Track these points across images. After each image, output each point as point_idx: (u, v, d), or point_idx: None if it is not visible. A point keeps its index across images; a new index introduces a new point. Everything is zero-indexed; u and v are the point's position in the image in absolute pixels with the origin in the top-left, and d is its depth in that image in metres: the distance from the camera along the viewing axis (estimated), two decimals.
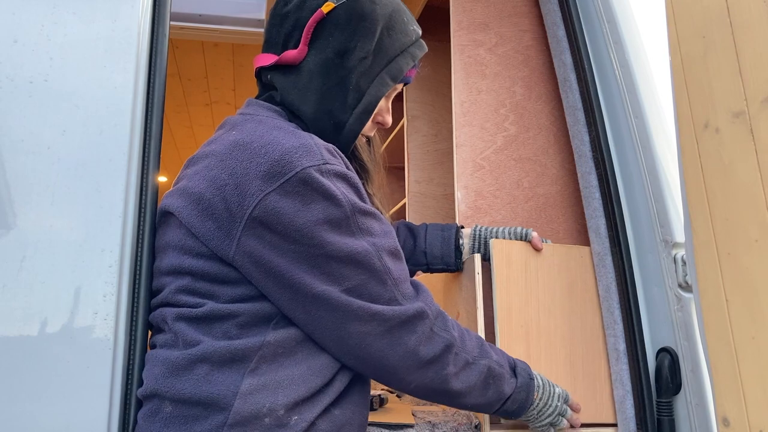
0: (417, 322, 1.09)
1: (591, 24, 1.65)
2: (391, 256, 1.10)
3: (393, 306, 1.08)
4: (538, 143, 1.84)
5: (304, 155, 1.03)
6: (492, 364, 1.19)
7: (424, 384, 1.13)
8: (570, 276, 1.59)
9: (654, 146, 1.49)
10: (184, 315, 1.07)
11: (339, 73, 1.15)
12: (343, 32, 1.15)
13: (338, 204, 1.04)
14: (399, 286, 1.10)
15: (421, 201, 2.45)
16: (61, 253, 1.13)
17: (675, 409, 1.44)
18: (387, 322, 1.07)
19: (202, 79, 3.65)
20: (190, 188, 1.08)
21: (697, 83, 1.21)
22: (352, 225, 1.06)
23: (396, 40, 1.19)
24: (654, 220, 1.48)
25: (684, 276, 1.42)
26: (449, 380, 1.14)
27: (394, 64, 1.19)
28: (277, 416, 1.01)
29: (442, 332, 1.13)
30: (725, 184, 1.14)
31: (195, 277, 1.08)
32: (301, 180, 1.01)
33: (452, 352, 1.13)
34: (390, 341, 1.08)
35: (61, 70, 1.20)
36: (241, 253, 1.04)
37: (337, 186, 1.05)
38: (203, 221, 1.05)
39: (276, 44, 1.20)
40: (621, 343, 1.51)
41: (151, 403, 1.07)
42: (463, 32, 1.87)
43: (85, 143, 1.18)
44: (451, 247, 1.56)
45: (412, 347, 1.09)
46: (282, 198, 1.01)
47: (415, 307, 1.09)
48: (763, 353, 1.06)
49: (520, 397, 1.25)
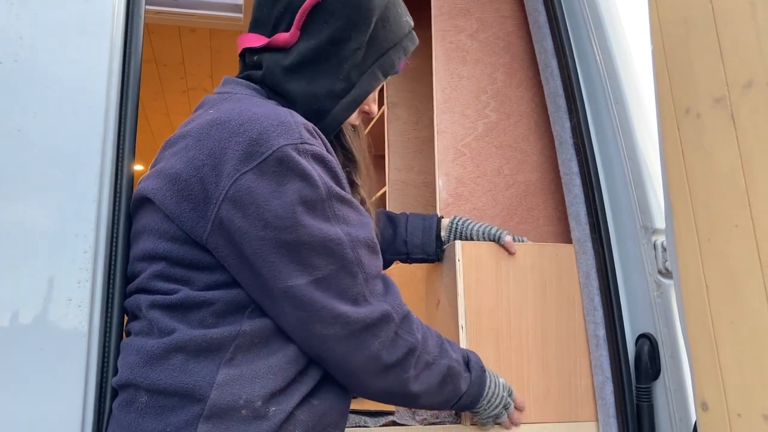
0: (381, 326, 1.06)
1: (572, 9, 1.64)
2: (367, 249, 1.08)
3: (359, 306, 1.05)
4: (519, 130, 1.83)
5: (281, 133, 1.00)
6: (452, 363, 1.18)
7: (383, 388, 1.11)
8: (543, 275, 1.59)
9: (635, 132, 1.49)
10: (159, 302, 1.05)
11: (330, 62, 1.13)
12: (338, 20, 1.12)
13: (313, 185, 1.01)
14: (369, 282, 1.07)
15: (401, 189, 2.43)
16: (34, 239, 1.10)
17: (654, 394, 1.45)
18: (350, 325, 1.04)
19: (178, 65, 3.60)
20: (167, 169, 1.06)
21: (679, 69, 1.21)
22: (327, 210, 1.03)
23: (390, 32, 1.17)
24: (634, 206, 1.49)
25: (664, 262, 1.43)
26: (409, 383, 1.12)
27: (386, 57, 1.17)
28: (254, 408, 1.00)
29: (406, 335, 1.10)
30: (706, 170, 1.14)
31: (170, 263, 1.06)
32: (277, 159, 0.99)
33: (414, 355, 1.11)
34: (352, 346, 1.05)
35: (32, 51, 1.16)
36: (216, 235, 1.02)
37: (314, 167, 1.02)
38: (178, 202, 1.03)
39: (266, 24, 1.16)
40: (601, 329, 1.52)
41: (126, 393, 1.05)
42: (444, 18, 1.86)
43: (58, 126, 1.15)
44: (432, 237, 1.55)
45: (374, 352, 1.06)
46: (258, 178, 0.99)
47: (380, 309, 1.06)
48: (741, 338, 1.07)
49: (474, 391, 1.25)
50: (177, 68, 3.64)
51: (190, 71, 3.69)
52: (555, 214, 1.81)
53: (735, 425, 1.08)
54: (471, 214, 1.76)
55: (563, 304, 1.59)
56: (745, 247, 1.05)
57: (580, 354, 1.57)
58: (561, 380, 1.54)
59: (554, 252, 1.61)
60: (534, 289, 1.57)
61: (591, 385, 1.55)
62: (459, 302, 1.52)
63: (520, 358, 1.53)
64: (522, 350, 1.54)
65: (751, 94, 1.04)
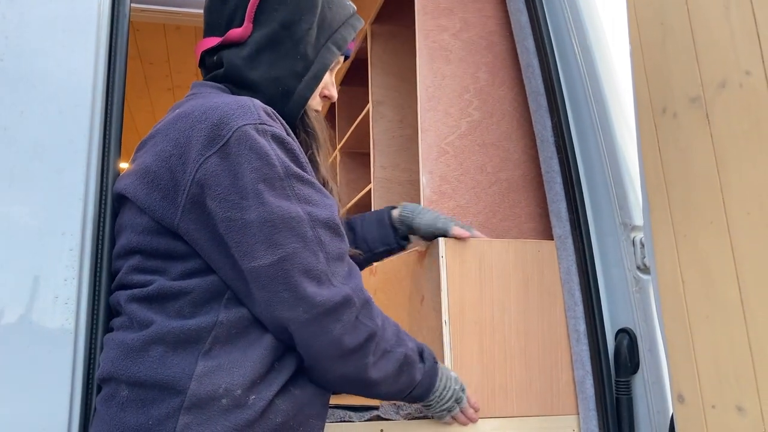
0: (343, 310, 1.06)
1: (553, 10, 1.67)
2: (327, 229, 1.08)
3: (321, 287, 1.05)
4: (501, 128, 1.86)
5: (241, 115, 1.05)
6: (408, 352, 1.19)
7: (344, 374, 1.11)
8: (525, 271, 1.61)
9: (614, 131, 1.52)
10: (136, 295, 1.07)
11: (286, 44, 1.19)
12: (287, 7, 1.19)
13: (271, 164, 1.04)
14: (332, 263, 1.07)
15: (386, 186, 2.45)
16: (20, 237, 1.11)
17: (633, 387, 1.48)
18: (313, 308, 1.04)
19: (163, 63, 3.58)
20: (137, 165, 1.10)
21: (656, 69, 1.23)
22: (286, 188, 1.05)
23: (336, 12, 1.25)
24: (614, 203, 1.51)
25: (642, 258, 1.45)
26: (368, 369, 1.12)
27: (338, 34, 1.24)
28: (234, 396, 1.01)
29: (366, 321, 1.10)
30: (682, 168, 1.17)
31: (144, 255, 1.08)
32: (237, 139, 1.03)
33: (374, 341, 1.11)
34: (315, 329, 1.05)
35: (18, 49, 1.17)
36: (186, 220, 1.04)
37: (273, 147, 1.05)
38: (149, 193, 1.07)
39: (218, 26, 1.22)
40: (581, 324, 1.54)
41: (108, 387, 1.06)
42: (428, 17, 1.87)
43: (44, 124, 1.15)
44: (387, 227, 1.56)
45: (336, 336, 1.06)
46: (222, 161, 1.02)
47: (342, 293, 1.06)
48: (716, 332, 1.10)
49: (426, 382, 1.25)
50: (162, 66, 3.62)
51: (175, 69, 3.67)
52: (537, 211, 1.83)
53: (710, 416, 1.11)
54: (454, 211, 1.78)
55: (545, 300, 1.61)
56: (719, 243, 1.08)
57: (562, 348, 1.59)
58: (543, 374, 1.57)
59: (536, 248, 1.64)
60: (516, 284, 1.60)
61: (572, 379, 1.58)
62: (442, 297, 1.54)
63: (502, 353, 1.56)
64: (504, 345, 1.56)
65: (725, 93, 1.07)
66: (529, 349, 1.58)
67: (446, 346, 1.53)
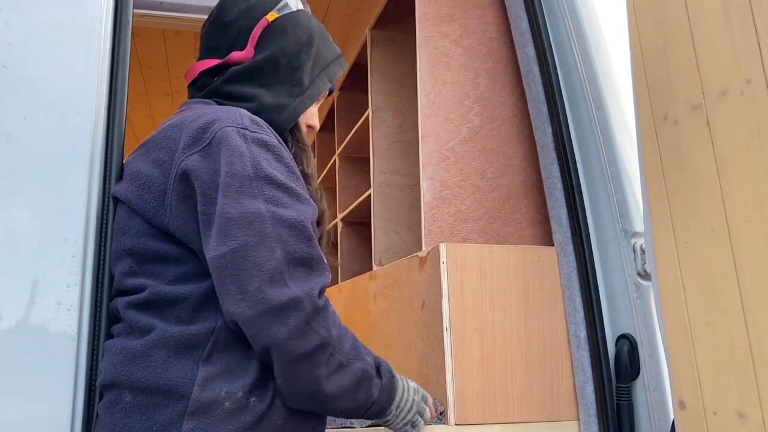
0: (290, 313, 1.01)
1: (554, 17, 1.67)
2: (292, 229, 1.05)
3: (272, 286, 1.00)
4: (501, 135, 1.86)
5: (225, 119, 1.08)
6: (366, 367, 1.13)
7: (294, 384, 1.05)
8: (526, 277, 1.62)
9: (614, 138, 1.53)
10: (132, 302, 1.08)
11: (284, 70, 1.25)
12: (288, 38, 1.26)
13: (243, 163, 1.05)
14: (291, 264, 1.03)
15: (386, 192, 2.45)
16: (23, 243, 1.11)
17: (634, 393, 1.49)
18: (256, 305, 0.99)
19: (163, 68, 3.58)
20: (129, 170, 1.14)
21: (657, 76, 1.24)
22: (255, 188, 1.04)
23: (328, 49, 1.34)
24: (614, 210, 1.52)
25: (643, 264, 1.46)
26: (321, 382, 1.05)
27: (330, 67, 1.33)
28: (236, 399, 1.02)
29: (318, 329, 1.04)
30: (683, 175, 1.18)
31: (137, 258, 1.10)
32: (218, 138, 1.06)
33: (327, 352, 1.05)
34: (259, 328, 1.01)
35: (21, 56, 1.17)
36: (174, 217, 1.06)
37: (250, 149, 1.07)
38: (141, 194, 1.09)
39: (219, 49, 1.26)
40: (582, 330, 1.55)
41: (110, 394, 1.06)
42: (429, 24, 1.88)
43: (47, 131, 1.16)
44: None
45: (281, 340, 1.00)
46: (203, 158, 1.05)
47: (291, 295, 1.01)
48: (717, 338, 1.10)
49: (383, 398, 1.18)
50: (161, 71, 3.62)
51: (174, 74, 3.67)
52: (537, 217, 1.84)
53: (711, 423, 1.11)
54: (455, 217, 1.78)
55: (545, 306, 1.61)
56: (720, 250, 1.09)
57: (562, 354, 1.60)
58: (543, 380, 1.57)
59: (536, 254, 1.64)
60: (517, 290, 1.60)
61: (572, 385, 1.58)
62: (443, 303, 1.55)
63: (503, 359, 1.56)
64: (505, 351, 1.56)
65: (726, 101, 1.08)
66: (530, 355, 1.58)
67: (447, 352, 1.54)
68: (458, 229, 1.78)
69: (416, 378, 1.74)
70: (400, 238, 2.45)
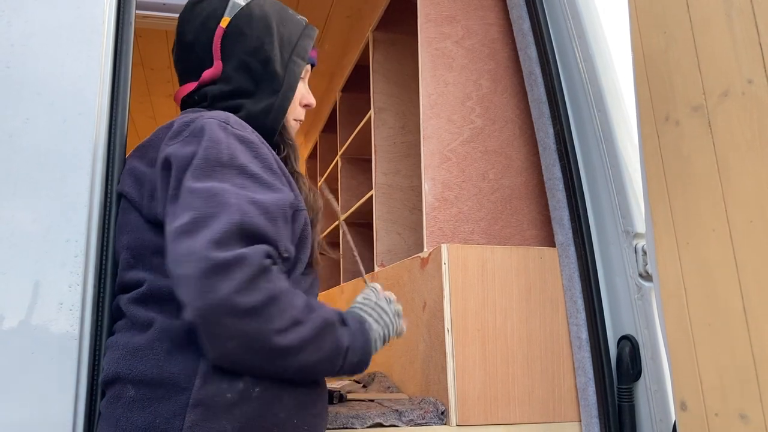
0: (234, 269, 0.95)
1: (556, 18, 1.67)
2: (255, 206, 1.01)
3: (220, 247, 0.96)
4: (503, 136, 1.86)
5: (211, 115, 1.11)
6: (326, 315, 1.08)
7: (245, 342, 0.99)
8: (528, 278, 1.62)
9: (616, 139, 1.52)
10: (133, 297, 1.09)
11: (257, 70, 1.25)
12: (246, 38, 1.26)
13: (218, 150, 1.05)
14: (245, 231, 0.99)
15: (388, 193, 2.45)
16: (25, 244, 1.11)
17: (635, 394, 1.48)
18: (199, 263, 0.94)
19: (165, 69, 3.59)
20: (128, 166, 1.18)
21: (658, 78, 1.24)
22: (225, 174, 1.03)
23: (291, 29, 1.32)
24: (616, 211, 1.52)
25: (644, 265, 1.46)
26: (273, 337, 0.99)
27: (298, 47, 1.31)
28: (238, 390, 1.02)
29: (265, 283, 0.99)
30: (684, 176, 1.18)
31: (134, 252, 1.11)
32: (199, 128, 1.07)
33: (277, 305, 0.99)
34: (202, 287, 0.95)
35: (23, 57, 1.18)
36: (162, 206, 1.06)
37: (229, 140, 1.07)
38: (139, 188, 1.12)
39: (193, 71, 1.27)
40: (583, 331, 1.55)
41: (113, 389, 1.06)
42: (431, 25, 1.88)
43: (49, 132, 1.16)
44: None
45: (225, 295, 0.94)
46: (182, 146, 1.07)
47: (236, 253, 0.96)
48: (719, 339, 1.10)
49: (359, 342, 1.13)
50: (164, 72, 3.63)
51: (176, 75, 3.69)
52: (539, 218, 1.84)
53: (713, 424, 1.11)
54: (456, 217, 1.79)
55: (547, 307, 1.61)
56: (722, 251, 1.09)
57: (564, 355, 1.60)
58: (545, 381, 1.57)
59: (538, 255, 1.64)
60: (519, 291, 1.60)
61: (574, 386, 1.58)
62: (445, 304, 1.55)
63: (505, 360, 1.56)
64: (507, 352, 1.56)
65: (727, 102, 1.08)
66: (532, 356, 1.58)
67: (449, 353, 1.54)
68: (460, 230, 1.78)
69: (418, 379, 1.74)
70: (401, 239, 2.45)
